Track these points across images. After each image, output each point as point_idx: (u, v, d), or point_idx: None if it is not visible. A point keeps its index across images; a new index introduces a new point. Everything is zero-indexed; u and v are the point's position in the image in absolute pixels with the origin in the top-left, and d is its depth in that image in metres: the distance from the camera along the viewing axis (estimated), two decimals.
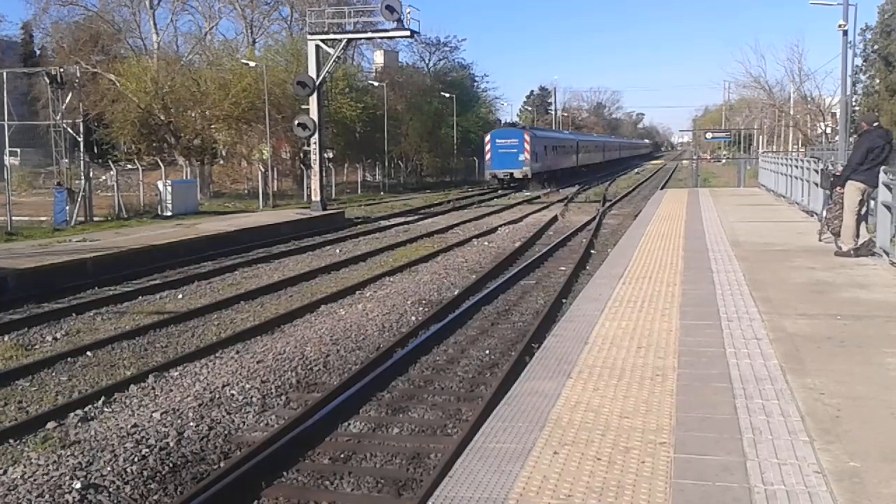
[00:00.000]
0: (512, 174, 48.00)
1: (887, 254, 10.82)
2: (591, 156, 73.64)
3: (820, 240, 13.01)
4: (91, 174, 27.76)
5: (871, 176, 11.09)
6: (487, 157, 50.22)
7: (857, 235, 11.37)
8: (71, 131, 26.37)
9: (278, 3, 53.95)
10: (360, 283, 15.07)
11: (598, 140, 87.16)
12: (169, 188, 29.03)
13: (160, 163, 33.66)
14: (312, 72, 30.55)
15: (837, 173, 12.31)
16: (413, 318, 12.21)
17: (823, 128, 58.01)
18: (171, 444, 7.23)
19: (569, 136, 72.56)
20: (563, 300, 12.87)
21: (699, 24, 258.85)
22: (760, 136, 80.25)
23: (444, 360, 9.87)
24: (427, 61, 70.96)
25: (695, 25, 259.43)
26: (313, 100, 30.63)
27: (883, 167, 11.09)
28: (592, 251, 18.95)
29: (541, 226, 25.30)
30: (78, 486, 6.36)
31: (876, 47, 54.96)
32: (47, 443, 7.31)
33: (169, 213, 28.04)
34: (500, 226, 25.93)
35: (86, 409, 8.22)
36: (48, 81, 26.61)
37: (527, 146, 48.61)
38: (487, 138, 50.81)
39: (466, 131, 65.51)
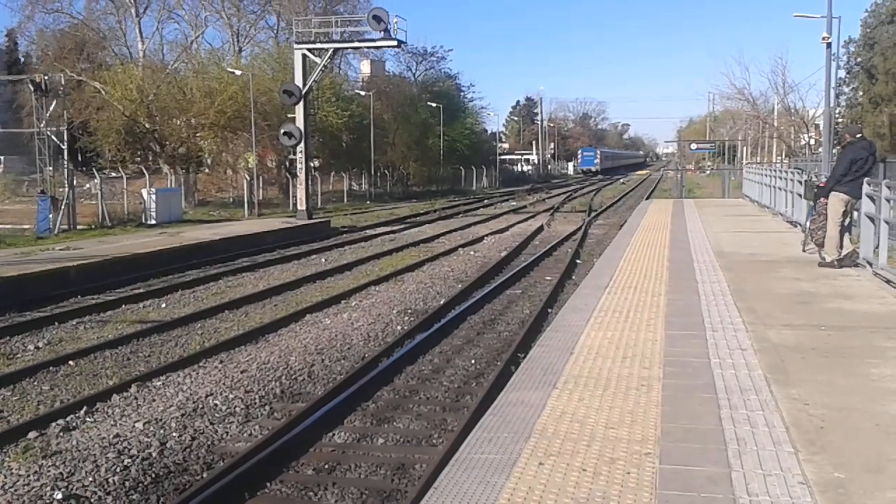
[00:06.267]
0: (591, 170, 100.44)
1: (870, 264, 10.89)
2: (618, 161, 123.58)
3: (804, 250, 13.08)
4: (75, 182, 27.59)
5: (854, 187, 11.17)
6: (578, 160, 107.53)
7: (841, 246, 11.44)
8: (55, 139, 26.23)
9: (265, 11, 54.04)
10: (346, 293, 15.02)
11: (621, 152, 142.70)
12: (153, 196, 28.90)
13: (145, 171, 33.51)
14: (299, 80, 30.53)
15: (821, 184, 12.38)
16: (398, 327, 12.18)
17: (807, 139, 58.41)
18: (154, 454, 7.16)
19: (611, 150, 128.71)
20: (549, 310, 12.87)
21: (684, 36, 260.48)
22: (744, 148, 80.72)
23: (430, 370, 9.85)
24: (414, 71, 71.14)
25: (679, 38, 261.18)
26: (299, 108, 30.60)
27: (866, 178, 11.18)
28: (578, 261, 18.97)
29: (527, 235, 25.32)
30: (59, 496, 6.29)
31: (859, 60, 55.32)
32: (28, 453, 7.23)
33: (153, 222, 27.91)
34: (486, 235, 25.94)
35: (68, 418, 8.14)
36: (32, 89, 26.44)
37: (598, 156, 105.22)
38: (579, 151, 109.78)
39: (453, 141, 65.56)
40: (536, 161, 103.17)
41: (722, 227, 18.22)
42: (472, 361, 10.22)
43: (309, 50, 30.64)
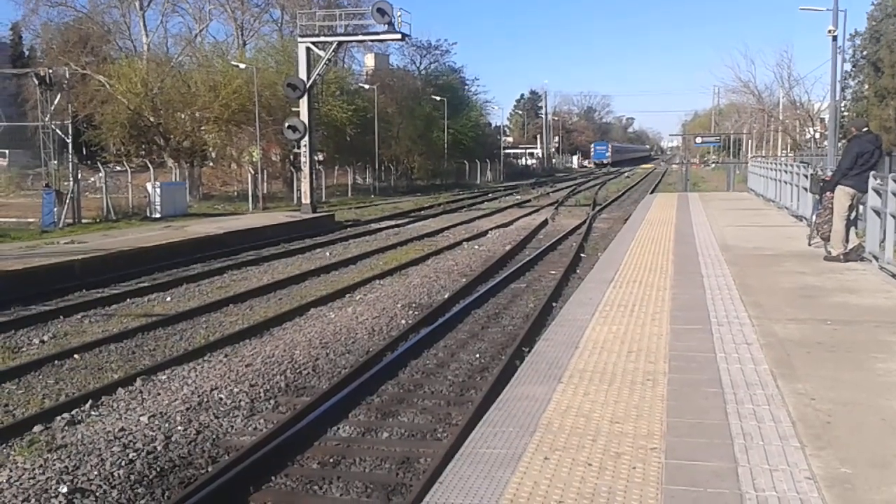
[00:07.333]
0: (602, 162, 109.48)
1: (876, 258, 10.86)
2: (627, 154, 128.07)
3: (809, 244, 13.05)
4: (80, 176, 27.58)
5: (860, 181, 11.14)
6: (592, 153, 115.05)
7: (847, 240, 11.41)
8: (60, 132, 26.20)
9: (269, 4, 53.98)
10: (350, 287, 15.02)
11: (629, 146, 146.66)
12: (158, 190, 28.89)
13: (149, 164, 33.51)
14: (303, 74, 30.50)
15: (827, 178, 12.34)
16: (403, 321, 12.17)
17: (812, 133, 58.30)
18: (159, 447, 7.17)
19: (621, 145, 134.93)
20: (554, 304, 12.85)
21: (690, 30, 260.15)
22: (749, 141, 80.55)
23: (435, 364, 9.84)
24: (418, 64, 71.01)
25: (685, 32, 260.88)
26: (304, 102, 30.58)
27: (872, 172, 11.14)
28: (582, 255, 18.94)
29: (531, 229, 25.29)
30: (64, 490, 6.30)
31: (865, 53, 55.21)
32: (34, 446, 7.25)
33: (158, 215, 27.91)
34: (491, 229, 25.92)
35: (73, 412, 8.15)
36: (37, 82, 26.44)
37: (609, 149, 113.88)
38: (592, 145, 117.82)
39: (457, 134, 65.48)
40: (541, 155, 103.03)
41: (727, 221, 18.18)
42: (477, 356, 10.21)
43: (313, 43, 30.61)
